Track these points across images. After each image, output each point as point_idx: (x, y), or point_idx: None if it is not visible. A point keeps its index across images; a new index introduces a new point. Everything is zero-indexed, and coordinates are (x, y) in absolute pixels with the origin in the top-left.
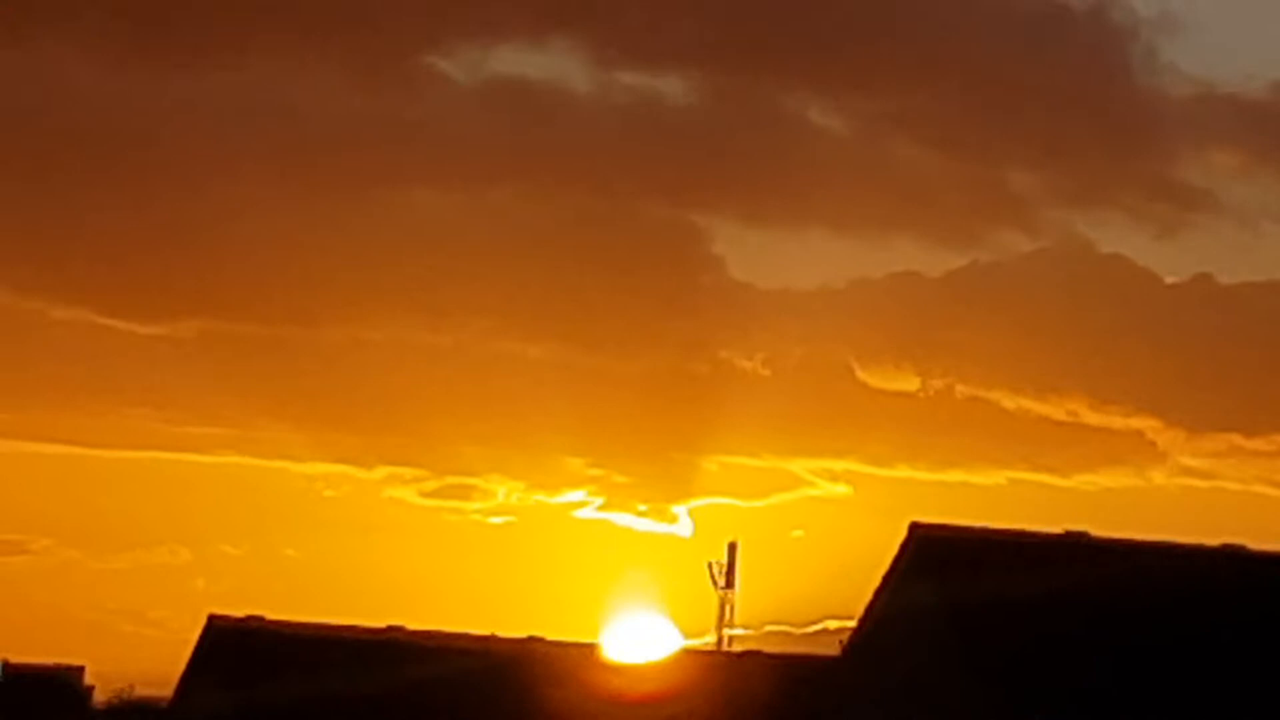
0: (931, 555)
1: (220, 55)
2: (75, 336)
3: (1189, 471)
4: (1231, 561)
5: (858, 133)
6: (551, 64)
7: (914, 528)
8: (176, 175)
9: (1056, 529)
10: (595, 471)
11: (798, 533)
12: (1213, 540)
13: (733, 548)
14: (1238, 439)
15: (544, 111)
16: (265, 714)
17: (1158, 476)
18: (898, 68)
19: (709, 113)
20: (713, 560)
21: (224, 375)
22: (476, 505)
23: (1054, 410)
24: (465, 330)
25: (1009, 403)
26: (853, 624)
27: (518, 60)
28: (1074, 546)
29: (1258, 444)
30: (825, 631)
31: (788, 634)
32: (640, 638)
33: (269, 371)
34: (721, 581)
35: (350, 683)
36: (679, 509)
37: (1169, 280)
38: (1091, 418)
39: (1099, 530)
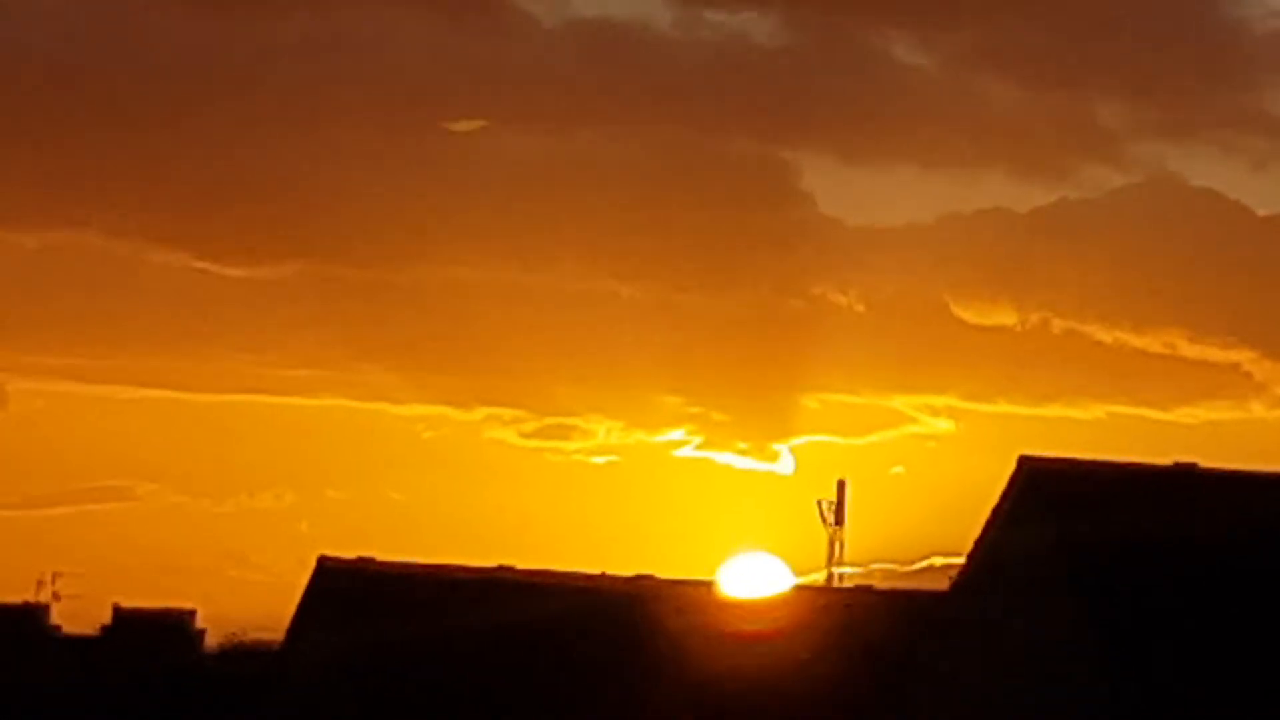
0: (1042, 489)
1: None
2: (172, 280)
3: None
4: None
5: (943, 68)
6: (635, 3)
7: (1023, 461)
8: (268, 118)
9: (1162, 461)
10: (694, 410)
11: (897, 469)
12: None
13: (842, 485)
14: None
15: (629, 51)
16: (377, 654)
17: (1257, 408)
18: (983, 2)
19: (793, 50)
20: (821, 498)
21: (321, 318)
22: (577, 445)
23: (1151, 343)
24: (557, 270)
25: (1105, 336)
26: (958, 560)
27: (600, 0)
28: (1185, 478)
29: None
30: (931, 568)
31: (894, 571)
32: (751, 575)
33: (365, 314)
34: (831, 519)
35: (463, 621)
36: (779, 447)
37: (1261, 213)
38: (1188, 350)
39: (1204, 462)
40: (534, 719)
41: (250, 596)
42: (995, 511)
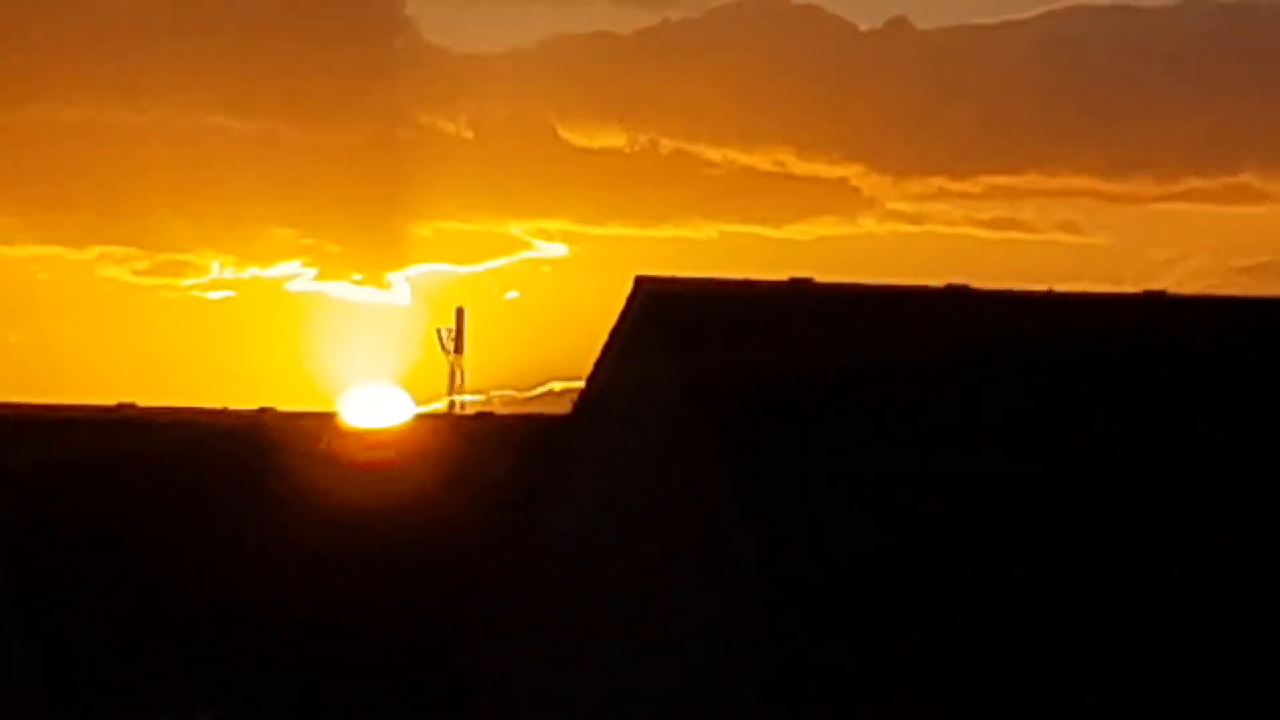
0: (660, 308)
1: None
2: None
3: (898, 216)
4: (958, 301)
5: None
6: None
7: (640, 281)
8: None
9: (778, 278)
10: (307, 242)
11: (513, 294)
12: (926, 281)
13: (460, 313)
14: (944, 182)
15: None
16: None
17: (868, 222)
18: None
19: None
20: (440, 326)
21: None
22: (192, 281)
23: (760, 161)
24: (164, 107)
25: (714, 155)
26: (578, 384)
27: None
28: (801, 293)
29: (965, 186)
30: (551, 393)
31: (514, 398)
32: (372, 406)
33: None
34: (450, 347)
35: (84, 458)
36: (394, 276)
37: (864, 28)
38: (798, 167)
39: (818, 277)
40: (159, 553)
41: None
42: (614, 333)
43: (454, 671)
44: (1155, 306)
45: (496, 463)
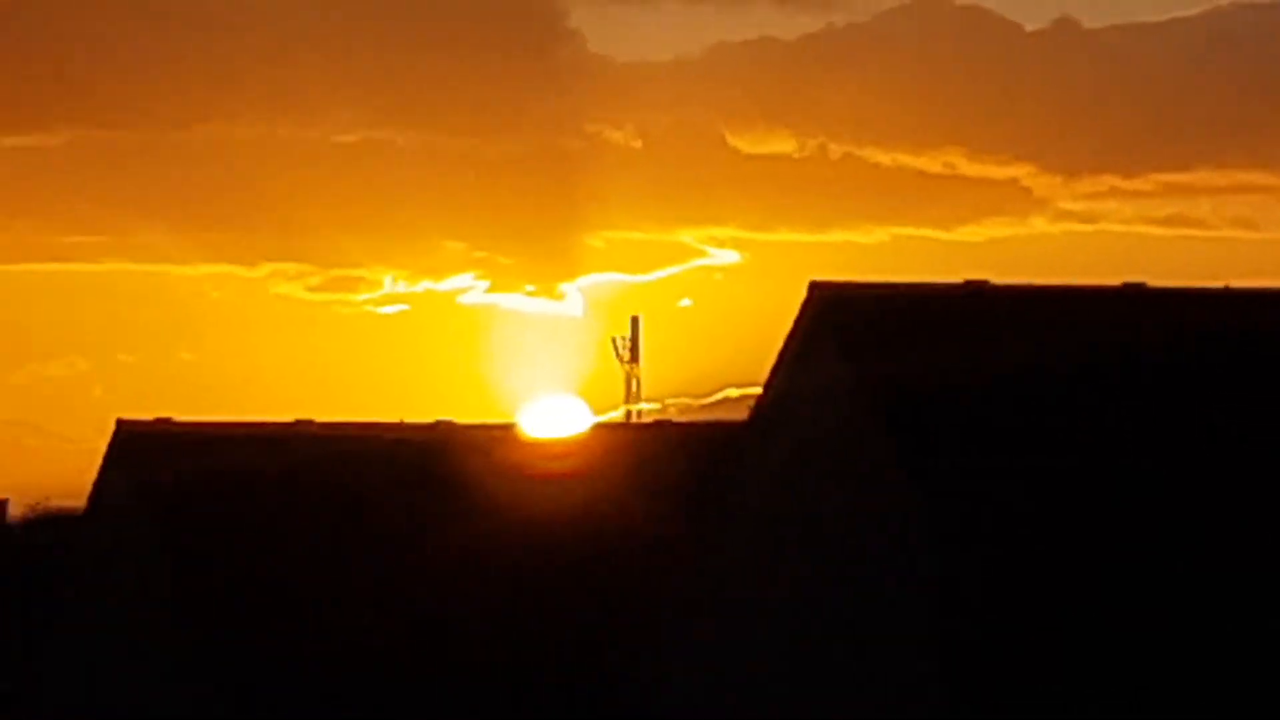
0: (835, 313)
1: None
2: None
3: (1070, 215)
4: (1135, 299)
5: None
6: None
7: (814, 287)
8: None
9: (952, 281)
10: (479, 254)
11: (686, 301)
12: (1101, 281)
13: (635, 321)
14: (1115, 180)
15: None
16: (181, 512)
17: (1039, 223)
18: None
19: None
20: (616, 336)
21: (98, 182)
22: (365, 296)
23: (929, 163)
24: (332, 123)
25: (884, 158)
26: (753, 391)
27: None
28: (978, 296)
29: (1136, 184)
30: (727, 400)
31: (690, 405)
32: (551, 416)
33: (143, 176)
34: (626, 356)
35: (265, 476)
36: (567, 287)
37: (1030, 28)
38: (968, 169)
39: (992, 280)
40: (338, 568)
41: (52, 465)
42: (789, 338)
43: (637, 678)
44: None
45: (674, 470)
